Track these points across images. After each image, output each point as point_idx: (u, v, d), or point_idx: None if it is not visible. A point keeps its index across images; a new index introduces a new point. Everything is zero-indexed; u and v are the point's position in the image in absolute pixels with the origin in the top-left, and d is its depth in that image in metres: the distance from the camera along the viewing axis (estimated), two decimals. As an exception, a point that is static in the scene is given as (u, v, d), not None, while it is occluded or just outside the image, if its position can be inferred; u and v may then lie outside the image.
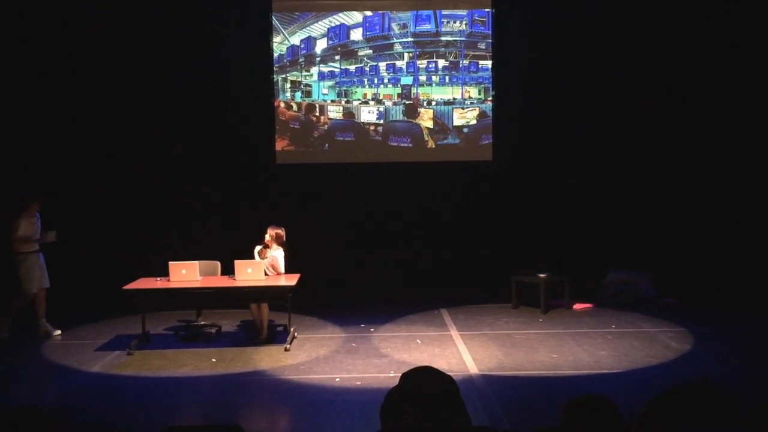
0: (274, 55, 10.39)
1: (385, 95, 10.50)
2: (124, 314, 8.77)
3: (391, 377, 6.44)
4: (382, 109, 10.51)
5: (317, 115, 10.51)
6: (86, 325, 8.72)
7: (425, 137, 10.55)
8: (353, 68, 10.48)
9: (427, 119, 10.53)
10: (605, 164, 10.39)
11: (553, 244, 10.14)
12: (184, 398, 6.20)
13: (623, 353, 7.22)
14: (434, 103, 10.50)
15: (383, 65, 10.47)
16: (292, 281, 7.71)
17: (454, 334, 8.15)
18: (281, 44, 10.44)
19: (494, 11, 10.36)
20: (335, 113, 10.52)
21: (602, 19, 10.13)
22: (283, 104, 10.50)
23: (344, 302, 9.56)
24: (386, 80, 10.49)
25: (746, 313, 8.80)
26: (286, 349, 7.51)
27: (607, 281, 9.90)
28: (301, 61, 10.47)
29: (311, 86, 10.50)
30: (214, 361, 7.21)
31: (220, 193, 10.16)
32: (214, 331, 8.23)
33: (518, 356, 7.21)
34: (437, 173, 10.42)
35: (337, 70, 10.49)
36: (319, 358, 7.29)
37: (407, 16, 10.42)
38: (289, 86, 10.50)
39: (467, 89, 10.52)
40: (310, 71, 10.48)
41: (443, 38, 10.43)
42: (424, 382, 1.96)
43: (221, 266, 8.21)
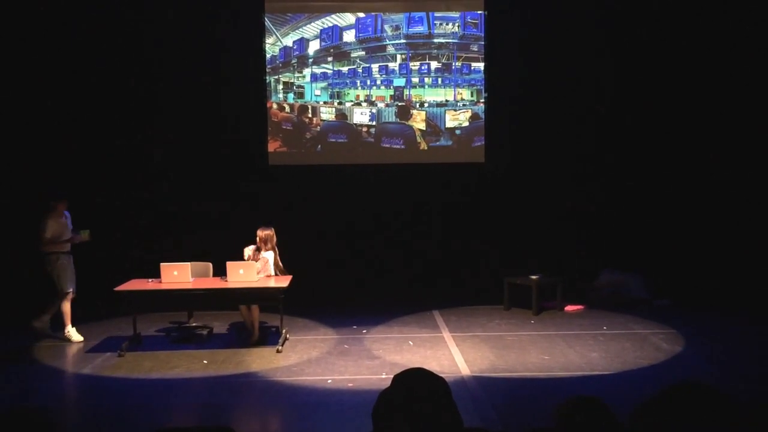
0: (266, 56, 10.38)
1: (377, 97, 10.50)
2: (115, 316, 8.73)
3: (383, 379, 6.44)
4: (374, 110, 10.51)
5: (310, 116, 10.51)
6: (77, 326, 8.65)
7: (418, 139, 10.56)
8: (346, 70, 10.48)
9: (419, 121, 10.54)
10: (598, 166, 10.43)
11: (545, 245, 10.16)
12: (175, 400, 6.18)
13: (615, 355, 7.25)
14: (427, 104, 10.52)
15: (376, 67, 10.47)
16: (284, 283, 7.70)
17: (446, 335, 8.15)
18: (274, 45, 10.43)
19: (487, 13, 10.38)
20: (328, 115, 10.51)
21: (595, 21, 10.16)
22: (275, 105, 10.49)
23: (336, 304, 9.55)
24: (379, 82, 10.49)
25: (737, 314, 8.85)
26: (278, 350, 7.50)
27: (599, 283, 9.93)
28: (293, 62, 10.47)
29: (304, 87, 10.50)
30: (205, 362, 7.19)
31: (212, 194, 10.13)
32: (205, 332, 8.21)
33: (510, 358, 7.22)
34: (429, 175, 10.42)
35: (329, 71, 10.49)
36: (311, 359, 7.28)
37: (400, 17, 10.43)
38: (281, 87, 10.49)
39: (460, 91, 10.53)
40: (302, 72, 10.48)
41: (436, 40, 10.45)
42: (416, 383, 1.96)
43: (213, 267, 8.20)
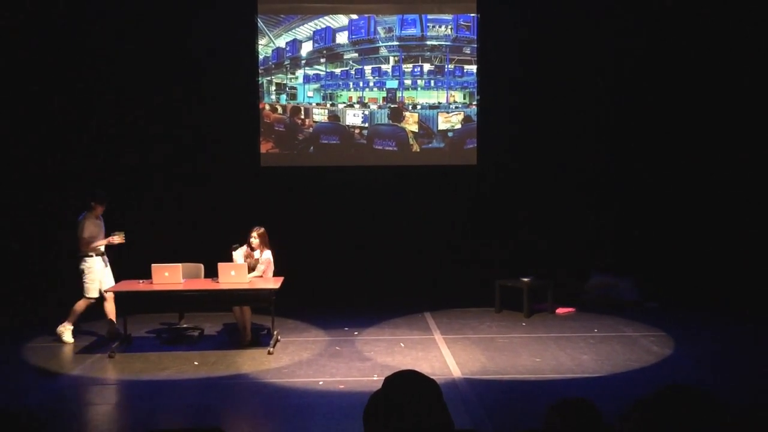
0: (259, 57, 10.36)
1: (370, 99, 10.51)
2: (102, 317, 8.68)
3: (374, 381, 6.44)
4: (367, 112, 10.51)
5: (302, 117, 10.50)
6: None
7: (410, 141, 10.57)
8: (339, 71, 10.48)
9: (412, 123, 10.55)
10: (589, 169, 10.46)
11: (536, 248, 10.18)
12: (166, 401, 6.16)
13: (605, 357, 7.27)
14: (419, 106, 10.53)
15: (369, 69, 10.48)
16: (276, 284, 7.69)
17: (437, 337, 8.16)
18: (266, 47, 10.42)
19: (479, 16, 10.40)
20: (320, 116, 10.51)
21: (588, 24, 10.20)
22: (268, 107, 10.47)
23: (328, 305, 9.54)
24: (371, 84, 10.50)
25: (727, 316, 8.89)
26: (269, 352, 7.49)
27: (589, 285, 9.96)
28: (286, 63, 10.46)
29: (296, 89, 10.49)
30: (196, 364, 7.17)
31: (204, 195, 10.11)
32: (196, 333, 8.19)
33: (501, 360, 7.23)
34: (422, 177, 10.43)
35: (322, 73, 10.48)
36: (302, 361, 7.27)
37: (393, 19, 10.44)
38: (274, 89, 10.48)
39: (452, 93, 10.55)
40: (295, 74, 10.47)
41: (429, 42, 10.47)
42: (407, 385, 1.97)
43: (204, 269, 8.17)
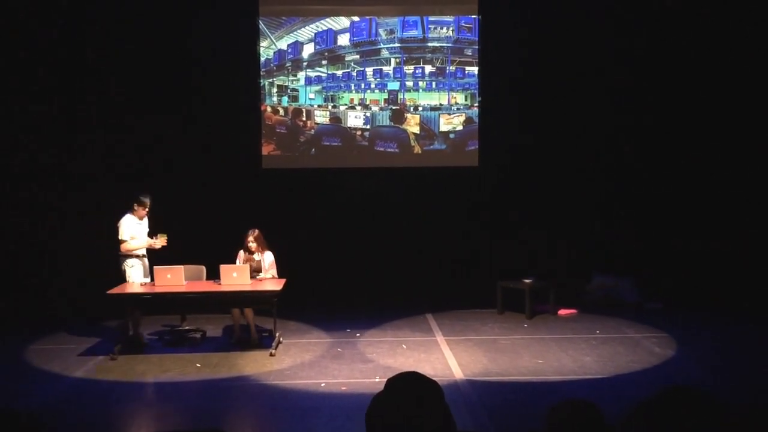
0: (261, 59, 10.38)
1: (371, 100, 10.51)
2: (107, 318, 8.70)
3: (376, 382, 6.43)
4: (368, 114, 10.52)
5: (304, 119, 10.51)
6: (67, 329, 8.65)
7: (412, 142, 10.57)
8: (340, 73, 10.49)
9: (413, 125, 10.56)
10: (590, 170, 10.46)
11: (538, 249, 10.17)
12: (168, 403, 6.16)
13: (607, 359, 7.26)
14: (421, 108, 10.53)
15: (370, 70, 10.48)
16: (278, 286, 7.70)
17: (439, 339, 8.16)
18: (268, 49, 10.43)
19: (481, 18, 10.41)
20: (322, 118, 10.52)
21: (589, 25, 10.20)
22: (269, 109, 10.48)
23: (330, 307, 9.54)
24: (373, 85, 10.51)
25: (729, 317, 8.88)
26: (271, 354, 7.49)
27: (591, 286, 9.95)
28: (288, 65, 10.47)
29: (298, 91, 10.50)
30: (198, 366, 7.18)
31: (205, 197, 10.11)
32: (199, 335, 8.19)
33: (503, 361, 7.22)
34: (423, 178, 10.44)
35: (324, 75, 10.49)
36: (304, 363, 7.27)
37: (394, 21, 10.45)
38: (275, 91, 10.49)
39: (454, 95, 10.55)
40: (296, 76, 10.48)
41: (430, 44, 10.47)
42: (409, 387, 1.97)
43: (206, 271, 8.18)
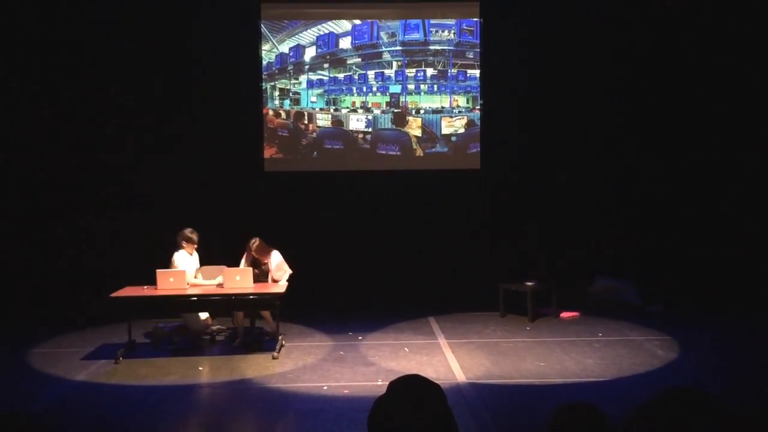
0: (262, 62, 10.39)
1: (373, 103, 10.52)
2: (109, 323, 8.69)
3: (378, 385, 6.43)
4: (370, 117, 10.52)
5: (306, 122, 10.51)
6: (70, 333, 8.64)
7: (413, 145, 10.58)
8: (342, 76, 10.50)
9: (415, 128, 10.56)
10: (592, 172, 10.46)
11: (540, 252, 10.17)
12: (170, 407, 6.16)
13: (610, 361, 7.25)
14: (422, 111, 10.54)
15: (372, 74, 10.50)
16: (281, 289, 7.70)
17: (441, 342, 8.15)
18: (270, 52, 10.44)
19: (482, 21, 10.42)
20: (324, 121, 10.52)
21: (590, 28, 10.21)
22: (271, 112, 10.50)
23: (332, 310, 9.54)
24: (375, 88, 10.52)
25: (731, 319, 8.86)
26: (273, 357, 7.49)
27: (594, 289, 9.94)
28: (289, 68, 10.48)
29: (300, 94, 10.51)
30: (200, 369, 7.18)
31: (207, 199, 10.11)
32: (225, 335, 8.13)
33: (506, 364, 7.22)
34: (425, 181, 10.44)
35: (325, 78, 10.50)
36: (306, 366, 7.26)
37: (396, 24, 10.46)
38: (277, 94, 10.50)
39: (455, 98, 10.56)
40: (298, 79, 10.49)
41: (432, 47, 10.48)
42: (411, 390, 1.96)
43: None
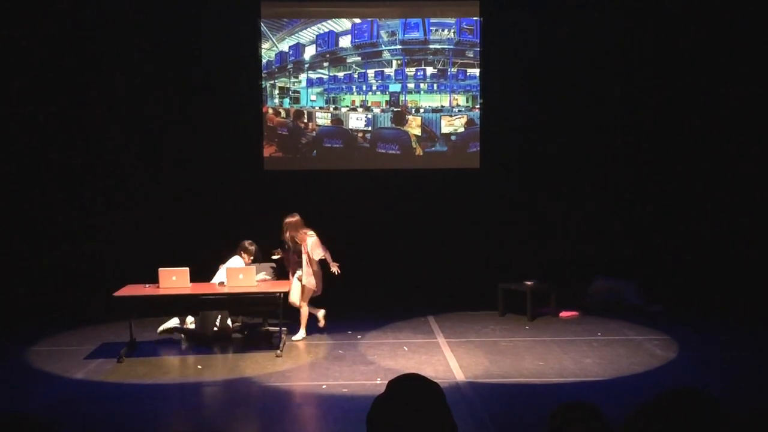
0: (262, 61, 10.39)
1: (373, 102, 10.52)
2: (109, 321, 8.69)
3: (377, 384, 6.43)
4: (370, 116, 10.52)
5: (305, 121, 10.51)
6: (70, 331, 8.64)
7: (413, 144, 10.57)
8: (342, 75, 10.49)
9: (415, 126, 10.56)
10: (591, 172, 10.46)
11: (539, 251, 10.17)
12: (169, 405, 6.17)
13: (609, 361, 7.25)
14: (422, 110, 10.53)
15: (372, 72, 10.49)
16: (284, 287, 7.72)
17: (440, 341, 8.15)
18: (270, 50, 10.44)
19: (482, 20, 10.41)
20: (323, 120, 10.52)
21: (591, 26, 10.20)
22: (271, 110, 10.49)
23: (331, 309, 9.52)
24: (374, 87, 10.51)
25: (730, 320, 8.86)
26: (277, 355, 7.48)
27: (593, 289, 9.93)
28: (289, 67, 10.48)
29: (299, 93, 10.50)
30: (200, 368, 7.18)
31: (206, 198, 10.12)
32: (276, 331, 8.08)
33: (505, 363, 7.22)
34: (425, 180, 10.44)
35: (325, 76, 10.50)
36: (305, 365, 7.27)
37: (396, 23, 10.45)
38: (277, 92, 10.50)
39: (455, 97, 10.56)
40: (298, 78, 10.49)
41: (431, 46, 10.47)
42: (410, 389, 1.97)
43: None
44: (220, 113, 10.13)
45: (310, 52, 10.47)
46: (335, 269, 8.08)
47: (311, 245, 7.96)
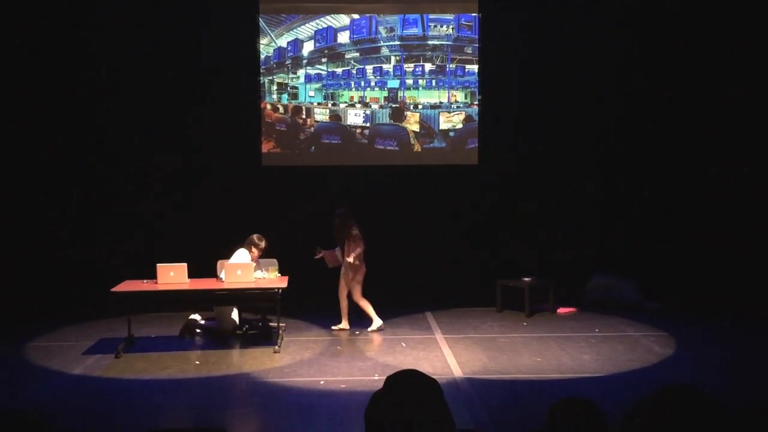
0: (260, 56, 10.37)
1: (371, 98, 10.51)
2: (106, 317, 8.69)
3: (375, 380, 6.44)
4: (368, 112, 10.51)
5: (304, 117, 10.50)
6: (68, 327, 8.64)
7: (411, 140, 10.57)
8: (340, 71, 10.48)
9: (413, 123, 10.56)
10: (590, 169, 10.46)
11: (537, 248, 10.17)
12: (167, 401, 6.17)
13: (606, 357, 7.27)
14: (421, 106, 10.53)
15: (370, 68, 10.48)
16: (282, 283, 7.72)
17: (438, 337, 8.16)
18: (268, 46, 10.42)
19: (481, 16, 10.40)
20: (322, 116, 10.51)
21: (589, 23, 10.19)
22: (269, 106, 10.48)
23: (329, 305, 9.52)
24: (373, 83, 10.50)
25: (728, 317, 8.87)
26: (275, 351, 7.49)
27: (591, 285, 9.95)
28: (287, 63, 10.46)
29: (298, 88, 10.49)
30: (197, 363, 7.18)
31: (205, 194, 10.12)
32: (281, 328, 8.09)
33: (502, 360, 7.23)
34: (423, 176, 10.43)
35: (323, 72, 10.49)
36: (303, 360, 7.27)
37: (394, 19, 10.44)
38: (275, 88, 10.48)
39: (454, 93, 10.55)
40: (296, 73, 10.47)
41: (430, 42, 10.47)
42: (408, 385, 1.97)
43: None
44: (218, 109, 10.11)
45: (308, 47, 10.45)
46: (319, 255, 8.37)
47: (355, 239, 8.19)
